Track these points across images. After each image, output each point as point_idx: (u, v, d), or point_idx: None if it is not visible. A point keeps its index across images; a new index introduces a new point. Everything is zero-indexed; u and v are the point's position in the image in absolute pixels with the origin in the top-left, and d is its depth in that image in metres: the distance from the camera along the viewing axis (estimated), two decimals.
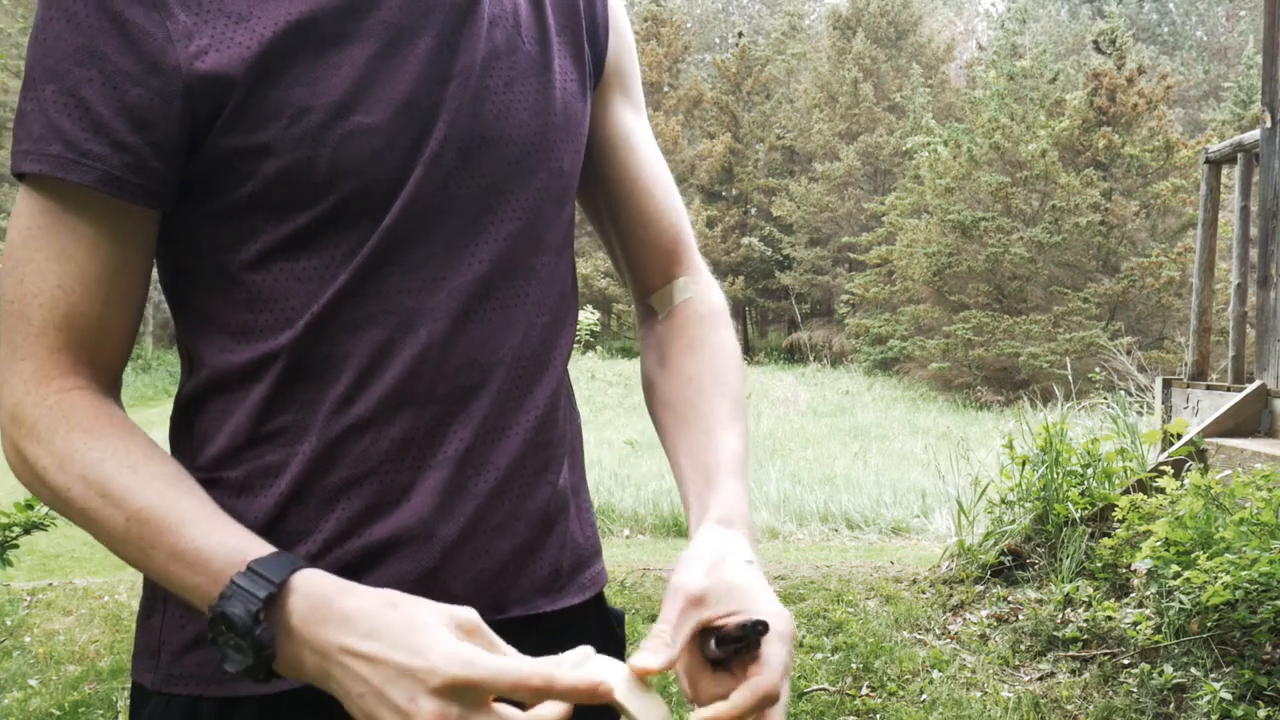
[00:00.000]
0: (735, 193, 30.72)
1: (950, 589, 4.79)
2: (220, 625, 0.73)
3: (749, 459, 0.95)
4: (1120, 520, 4.23)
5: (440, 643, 0.70)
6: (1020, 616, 4.31)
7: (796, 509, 8.11)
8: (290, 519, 0.85)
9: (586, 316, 19.22)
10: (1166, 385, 6.01)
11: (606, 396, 16.41)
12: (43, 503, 0.84)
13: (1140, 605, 3.94)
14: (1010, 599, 4.52)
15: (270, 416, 0.86)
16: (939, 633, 4.38)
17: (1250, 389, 4.99)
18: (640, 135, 1.05)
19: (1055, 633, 4.04)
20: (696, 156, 29.86)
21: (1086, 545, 4.50)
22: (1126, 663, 3.73)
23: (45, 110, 0.79)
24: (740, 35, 32.90)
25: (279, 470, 0.85)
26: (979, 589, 4.69)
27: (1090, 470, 4.83)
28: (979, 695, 3.70)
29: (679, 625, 0.76)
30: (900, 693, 3.77)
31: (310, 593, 0.74)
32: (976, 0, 51.83)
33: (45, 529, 3.11)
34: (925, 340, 21.40)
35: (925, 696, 3.72)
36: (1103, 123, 20.78)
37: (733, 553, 0.82)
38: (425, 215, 0.86)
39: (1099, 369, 13.77)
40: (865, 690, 3.80)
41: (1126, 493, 4.45)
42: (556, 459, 0.95)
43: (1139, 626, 3.76)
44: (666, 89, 31.67)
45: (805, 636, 4.32)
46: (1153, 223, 21.23)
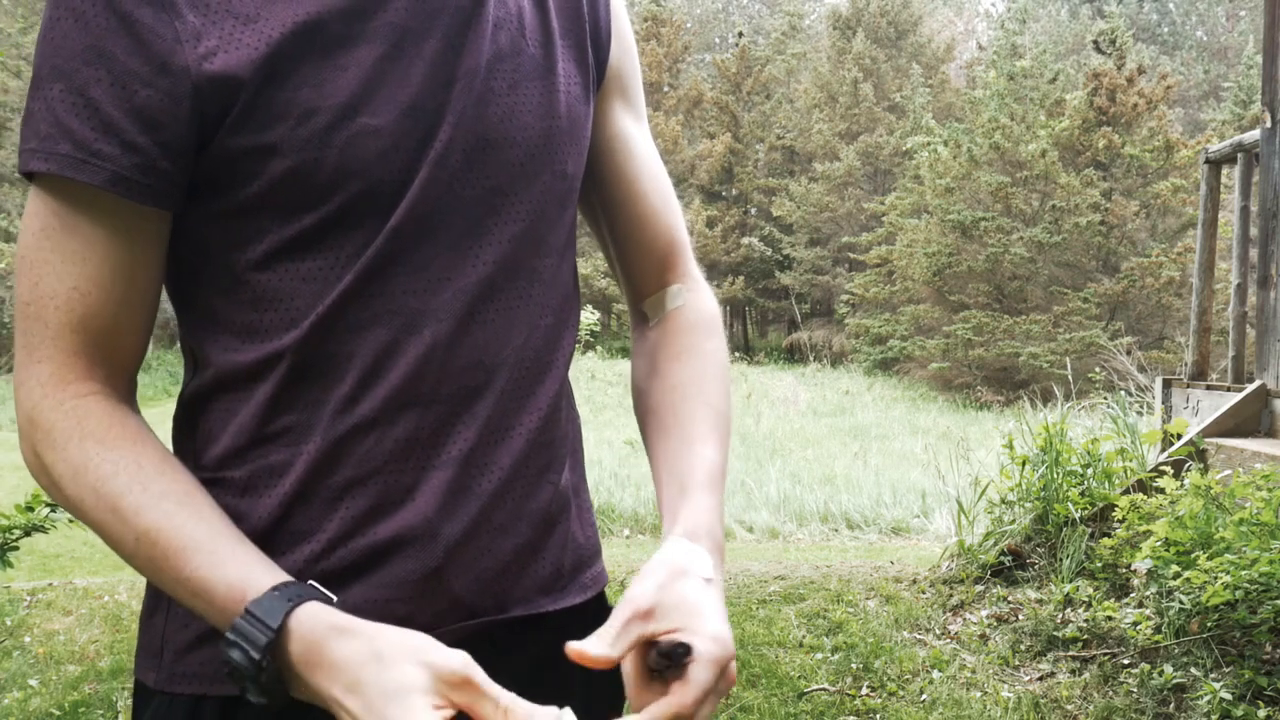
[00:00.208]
0: (735, 193, 30.72)
1: (950, 589, 4.79)
2: (230, 668, 0.75)
3: (726, 469, 0.95)
4: (1120, 520, 4.23)
5: (411, 716, 0.70)
6: (1020, 616, 4.31)
7: (796, 509, 8.11)
8: (294, 519, 0.86)
9: (586, 316, 19.19)
10: (1166, 385, 6.01)
11: (606, 396, 16.40)
12: (60, 505, 0.85)
13: (1140, 605, 3.94)
14: (1010, 599, 4.52)
15: (275, 416, 0.86)
16: (939, 633, 4.38)
17: (1250, 389, 4.99)
18: (638, 140, 1.05)
19: (1055, 633, 4.04)
20: (696, 156, 29.86)
21: (1086, 545, 4.50)
22: (1126, 663, 3.73)
23: (53, 109, 0.79)
24: (740, 35, 32.91)
25: (283, 470, 0.85)
26: (979, 589, 4.69)
27: (1090, 470, 4.83)
28: (979, 695, 3.71)
29: (621, 633, 0.78)
30: (900, 693, 3.77)
31: (304, 635, 0.75)
32: (976, 0, 51.83)
33: (45, 531, 3.09)
34: (925, 340, 21.40)
35: (925, 696, 3.72)
36: (1103, 123, 20.78)
37: (692, 569, 0.83)
38: (430, 217, 0.86)
39: (1099, 369, 13.78)
40: (865, 690, 3.80)
41: (1126, 493, 4.44)
42: (559, 459, 0.96)
43: (1139, 626, 3.76)
44: (666, 89, 31.67)
45: (805, 636, 4.32)
46: (1153, 223, 21.24)
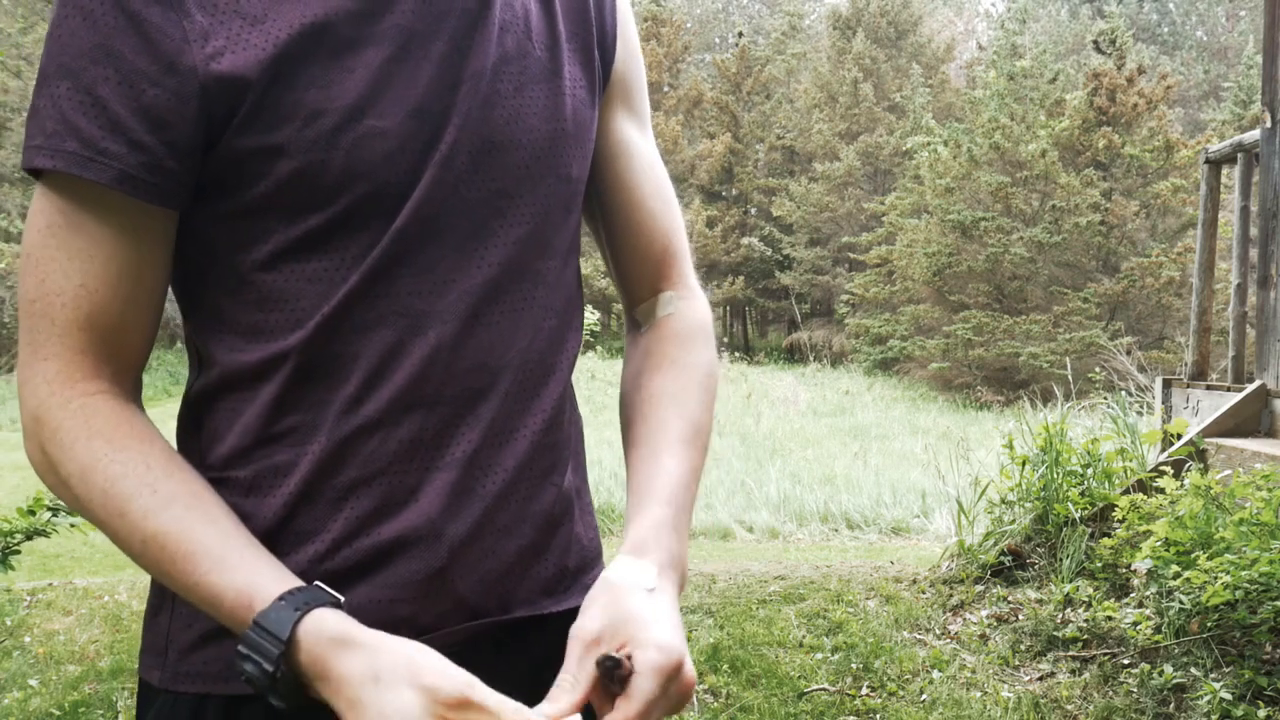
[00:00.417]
0: (735, 193, 30.72)
1: (950, 589, 4.79)
2: (246, 677, 0.76)
3: (697, 478, 0.95)
4: (1120, 520, 4.23)
5: None
6: (1020, 616, 4.31)
7: (796, 509, 8.11)
8: (299, 519, 0.86)
9: (586, 316, 19.18)
10: (1166, 385, 6.01)
11: (606, 396, 16.39)
12: (65, 503, 0.85)
13: (1140, 605, 3.95)
14: (1010, 599, 4.52)
15: (280, 416, 0.86)
16: (939, 633, 4.38)
17: (1250, 389, 4.99)
18: (639, 147, 1.05)
19: (1055, 633, 4.04)
20: (696, 156, 29.86)
21: (1086, 545, 4.50)
22: (1126, 663, 3.73)
23: (60, 107, 0.79)
24: (740, 35, 32.91)
25: (288, 470, 0.86)
26: (979, 589, 4.69)
27: (1090, 470, 4.83)
28: (979, 695, 3.71)
29: (579, 670, 0.78)
30: (900, 693, 3.77)
31: (311, 648, 0.75)
32: (976, 0, 51.83)
33: (47, 536, 3.07)
34: (925, 340, 21.40)
35: (925, 696, 3.73)
36: (1103, 123, 20.78)
37: (634, 584, 0.83)
38: (435, 218, 0.86)
39: (1099, 369, 13.79)
40: (865, 690, 3.80)
41: (1126, 493, 4.44)
42: (562, 461, 0.96)
43: (1139, 626, 3.76)
44: (666, 89, 31.67)
45: (805, 636, 4.32)
46: (1153, 223, 21.24)
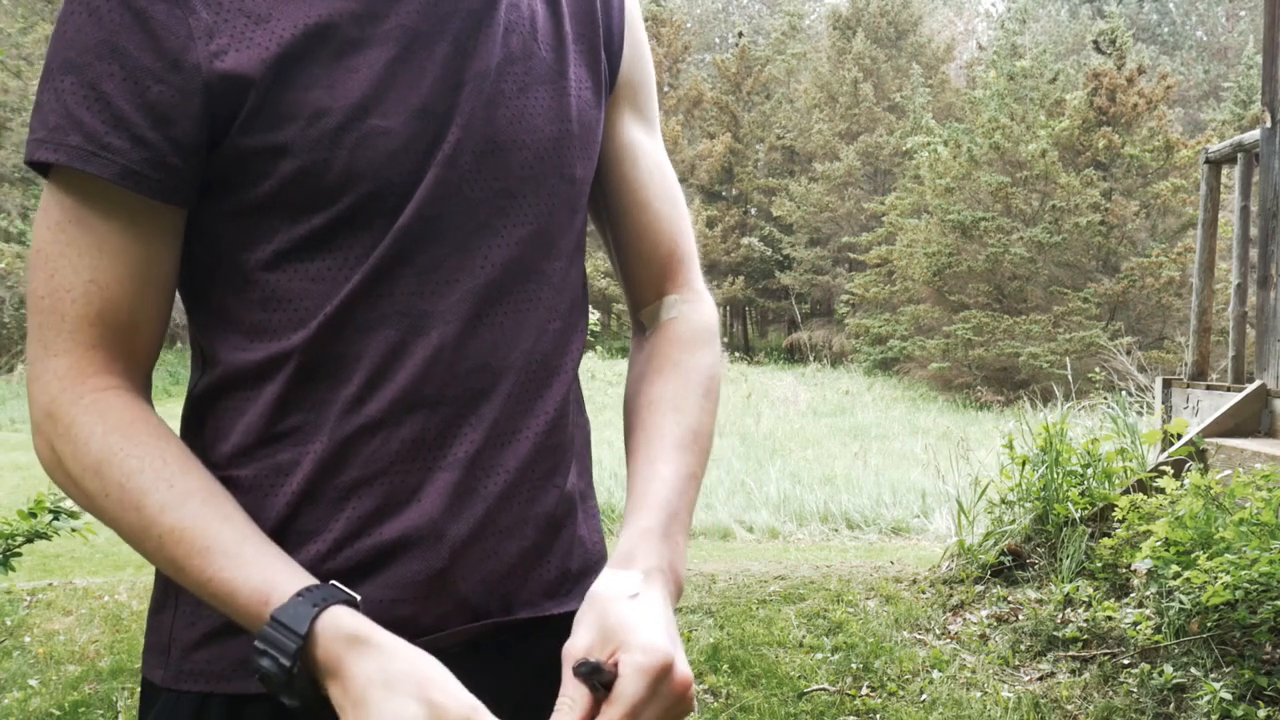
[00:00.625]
0: (735, 193, 30.72)
1: (950, 589, 4.79)
2: (260, 674, 0.76)
3: (696, 482, 0.94)
4: (1120, 520, 4.23)
5: None
6: (1020, 616, 4.31)
7: (796, 509, 8.11)
8: (301, 518, 0.86)
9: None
10: (1166, 385, 6.01)
11: (607, 396, 16.38)
12: (72, 500, 0.84)
13: (1140, 605, 3.95)
14: (1010, 599, 4.52)
15: (282, 416, 0.86)
16: (939, 633, 4.38)
17: (1250, 389, 4.99)
18: (645, 149, 1.04)
19: (1055, 633, 4.04)
20: (696, 156, 29.86)
21: (1086, 545, 4.50)
22: (1126, 663, 3.73)
23: (64, 101, 0.79)
24: (740, 35, 32.90)
25: (290, 469, 0.86)
26: (979, 589, 4.69)
27: (1090, 470, 4.83)
28: (979, 695, 3.71)
29: (575, 688, 0.78)
30: (900, 693, 3.77)
31: (328, 644, 0.75)
32: (976, 0, 51.83)
33: (48, 538, 3.06)
34: (925, 340, 21.40)
35: (925, 696, 3.73)
36: (1103, 123, 20.78)
37: (617, 593, 0.83)
38: (439, 218, 0.86)
39: (1099, 369, 13.79)
40: (865, 690, 3.80)
41: (1126, 493, 4.44)
42: (565, 463, 0.96)
43: (1139, 626, 3.76)
44: (666, 89, 31.68)
45: (805, 636, 4.32)
46: (1153, 223, 21.24)
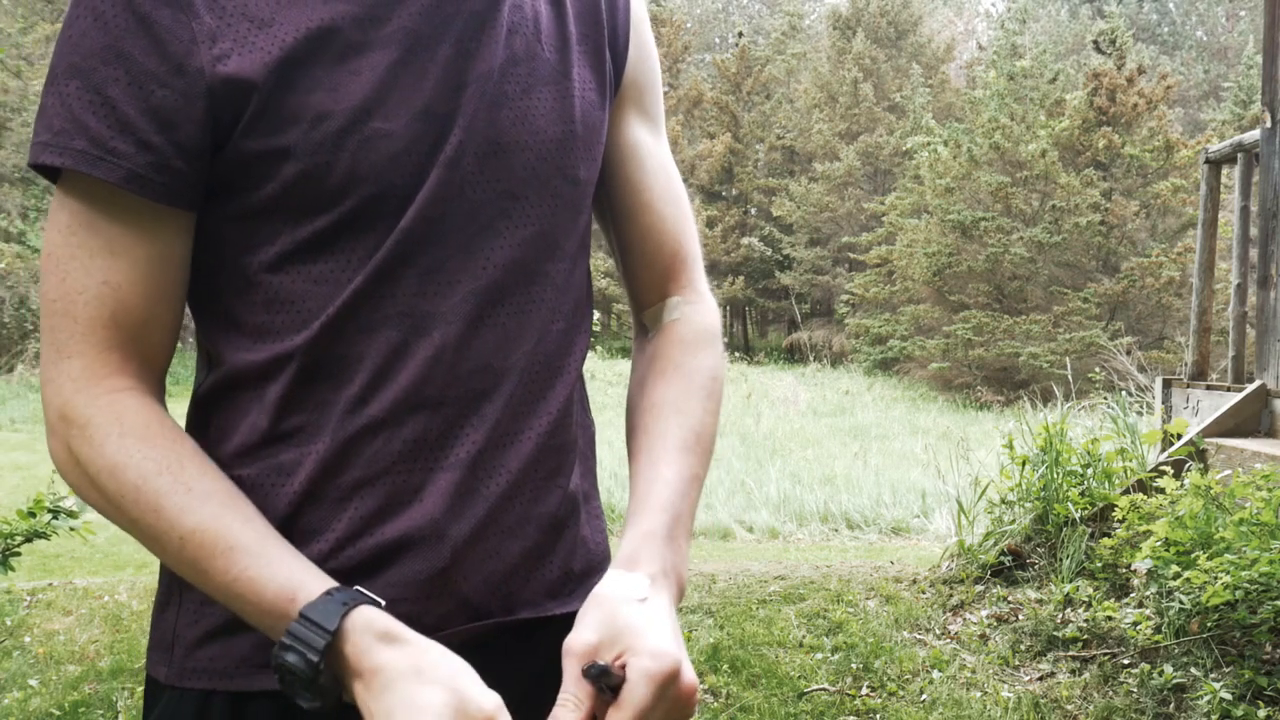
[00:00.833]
0: (735, 193, 30.72)
1: (950, 589, 4.80)
2: (283, 672, 0.75)
3: (698, 483, 0.94)
4: (1120, 520, 4.23)
5: None
6: (1020, 616, 4.31)
7: (796, 509, 8.11)
8: (303, 517, 0.86)
9: None
10: (1166, 385, 6.02)
11: (607, 396, 16.38)
12: (88, 504, 0.83)
13: (1140, 605, 3.95)
14: (1010, 599, 4.53)
15: (285, 416, 0.86)
16: (939, 633, 4.38)
17: (1250, 389, 4.99)
18: (650, 151, 1.04)
19: (1055, 633, 4.04)
20: (696, 156, 29.86)
21: (1086, 545, 4.50)
22: (1126, 663, 3.73)
23: (69, 105, 0.80)
24: (740, 35, 32.91)
25: (293, 469, 0.86)
26: (979, 589, 4.69)
27: (1090, 470, 4.83)
28: (979, 695, 3.71)
29: (578, 687, 0.78)
30: (900, 693, 3.77)
31: (358, 640, 0.76)
32: (976, 0, 51.83)
33: (47, 538, 3.06)
34: (925, 340, 21.40)
35: (925, 696, 3.73)
36: (1103, 123, 20.78)
37: (625, 596, 0.83)
38: (441, 219, 0.87)
39: (1099, 369, 13.80)
40: (865, 690, 3.81)
41: (1126, 493, 4.45)
42: (568, 464, 0.96)
43: (1139, 626, 3.76)
44: (667, 89, 31.68)
45: (805, 636, 4.32)
46: (1153, 223, 21.24)
